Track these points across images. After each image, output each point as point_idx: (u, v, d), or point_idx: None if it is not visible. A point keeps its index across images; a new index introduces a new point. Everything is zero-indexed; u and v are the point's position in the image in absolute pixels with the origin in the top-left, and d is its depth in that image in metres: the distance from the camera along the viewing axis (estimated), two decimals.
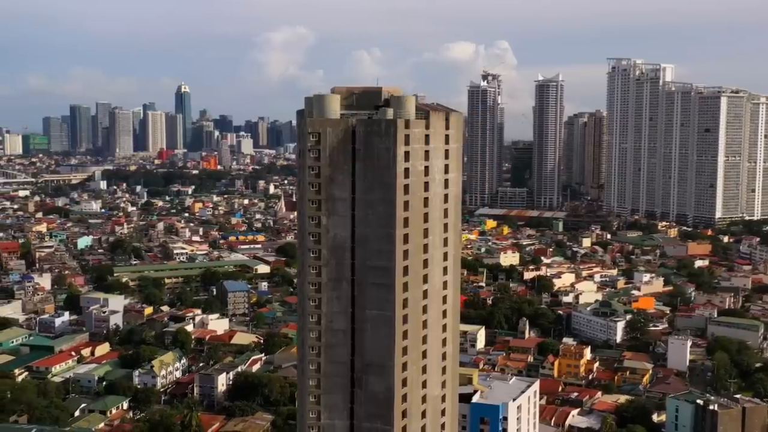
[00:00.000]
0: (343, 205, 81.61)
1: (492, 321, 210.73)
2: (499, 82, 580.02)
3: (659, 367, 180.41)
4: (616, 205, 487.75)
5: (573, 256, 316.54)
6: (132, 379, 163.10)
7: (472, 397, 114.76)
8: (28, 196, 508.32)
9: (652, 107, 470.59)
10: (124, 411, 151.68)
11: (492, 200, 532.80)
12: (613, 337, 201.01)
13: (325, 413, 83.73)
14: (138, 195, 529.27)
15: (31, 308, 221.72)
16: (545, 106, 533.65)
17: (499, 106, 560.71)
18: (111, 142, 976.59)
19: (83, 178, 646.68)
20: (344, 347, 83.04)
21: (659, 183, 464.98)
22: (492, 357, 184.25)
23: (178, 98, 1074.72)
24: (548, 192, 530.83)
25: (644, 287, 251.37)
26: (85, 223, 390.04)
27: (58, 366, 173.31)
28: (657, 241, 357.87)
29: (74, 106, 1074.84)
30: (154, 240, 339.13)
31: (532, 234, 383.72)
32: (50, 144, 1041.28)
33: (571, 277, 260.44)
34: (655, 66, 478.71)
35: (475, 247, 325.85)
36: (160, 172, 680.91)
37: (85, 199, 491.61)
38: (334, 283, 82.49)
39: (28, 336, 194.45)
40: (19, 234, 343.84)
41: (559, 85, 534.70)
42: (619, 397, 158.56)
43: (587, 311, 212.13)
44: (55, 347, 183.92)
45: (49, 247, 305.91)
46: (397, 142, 79.96)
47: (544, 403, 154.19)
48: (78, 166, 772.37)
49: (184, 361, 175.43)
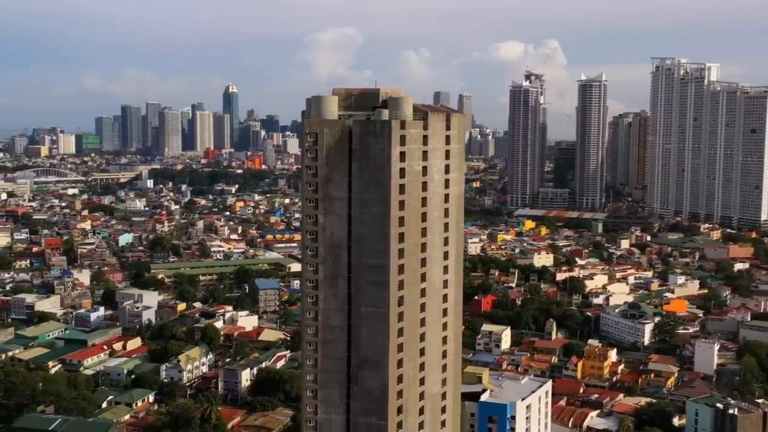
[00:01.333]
0: (340, 204, 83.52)
1: (519, 322, 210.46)
2: (542, 82, 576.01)
3: (685, 370, 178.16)
4: (659, 206, 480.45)
5: (609, 257, 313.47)
6: (159, 373, 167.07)
7: (480, 396, 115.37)
8: (76, 195, 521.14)
9: (697, 107, 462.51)
10: (150, 404, 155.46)
11: (533, 201, 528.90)
12: (641, 339, 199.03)
13: (322, 408, 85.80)
14: (182, 194, 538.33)
15: (69, 303, 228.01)
16: (588, 105, 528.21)
17: (541, 106, 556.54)
18: (160, 142, 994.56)
19: (131, 177, 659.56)
20: (341, 343, 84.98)
21: (703, 184, 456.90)
22: (516, 357, 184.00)
23: (225, 98, 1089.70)
24: (590, 193, 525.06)
25: (678, 290, 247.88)
26: (128, 220, 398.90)
27: (90, 359, 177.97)
28: (698, 243, 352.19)
29: (125, 106, 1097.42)
30: (193, 238, 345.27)
31: (570, 235, 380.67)
32: (102, 143, 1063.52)
33: (603, 279, 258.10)
34: (700, 65, 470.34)
35: (509, 248, 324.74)
36: (205, 172, 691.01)
37: (131, 197, 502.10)
38: (331, 280, 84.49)
39: (64, 330, 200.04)
40: (64, 231, 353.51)
41: (602, 85, 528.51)
42: (641, 399, 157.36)
43: (615, 313, 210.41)
44: (89, 341, 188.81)
45: (91, 244, 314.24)
46: (392, 143, 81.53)
47: (564, 404, 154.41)
48: (127, 165, 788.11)
49: (210, 356, 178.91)
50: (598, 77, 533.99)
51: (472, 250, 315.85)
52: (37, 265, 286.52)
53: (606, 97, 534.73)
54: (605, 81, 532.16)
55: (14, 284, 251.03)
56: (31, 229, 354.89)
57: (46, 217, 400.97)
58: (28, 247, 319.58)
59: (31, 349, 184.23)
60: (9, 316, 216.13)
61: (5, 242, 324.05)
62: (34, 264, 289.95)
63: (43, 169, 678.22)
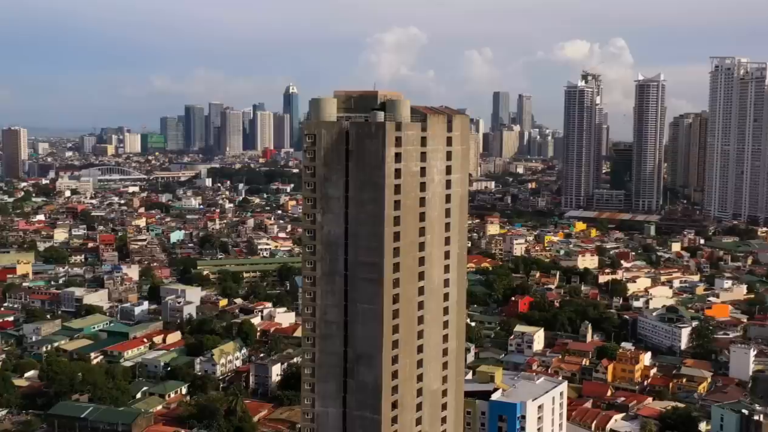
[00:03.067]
0: (337, 204, 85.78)
1: (555, 323, 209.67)
2: (599, 82, 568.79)
3: (720, 376, 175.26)
4: (717, 209, 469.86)
5: (657, 260, 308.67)
6: (193, 366, 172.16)
7: (491, 395, 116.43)
8: (135, 192, 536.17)
9: (757, 108, 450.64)
10: (182, 395, 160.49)
11: (587, 202, 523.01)
12: (678, 343, 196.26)
13: (320, 401, 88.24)
14: (238, 192, 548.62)
15: (116, 297, 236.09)
16: (646, 106, 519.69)
17: (597, 106, 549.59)
18: (221, 141, 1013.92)
19: (191, 176, 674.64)
20: (338, 339, 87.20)
21: (763, 187, 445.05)
22: (547, 359, 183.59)
23: (286, 99, 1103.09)
24: (647, 195, 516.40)
25: (723, 294, 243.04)
26: (182, 218, 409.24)
27: (130, 351, 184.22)
28: (752, 247, 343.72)
29: (189, 106, 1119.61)
30: (242, 235, 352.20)
31: (620, 237, 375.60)
32: (166, 143, 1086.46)
33: (646, 282, 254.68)
34: (761, 64, 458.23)
35: (554, 250, 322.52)
36: (262, 171, 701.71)
37: (188, 195, 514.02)
38: (328, 277, 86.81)
39: (109, 322, 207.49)
40: (119, 227, 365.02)
41: (660, 85, 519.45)
42: (669, 404, 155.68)
43: (653, 317, 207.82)
44: (130, 334, 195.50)
45: (143, 241, 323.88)
46: (387, 144, 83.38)
47: (590, 406, 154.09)
48: (188, 164, 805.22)
49: (244, 350, 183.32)
50: (656, 77, 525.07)
51: (517, 251, 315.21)
52: (91, 260, 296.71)
53: (664, 98, 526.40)
54: (663, 81, 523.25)
55: (67, 278, 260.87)
56: (88, 226, 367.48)
57: (104, 214, 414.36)
58: (84, 242, 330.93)
59: (76, 340, 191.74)
60: (59, 308, 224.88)
61: (63, 238, 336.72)
62: (88, 259, 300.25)
63: (108, 167, 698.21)
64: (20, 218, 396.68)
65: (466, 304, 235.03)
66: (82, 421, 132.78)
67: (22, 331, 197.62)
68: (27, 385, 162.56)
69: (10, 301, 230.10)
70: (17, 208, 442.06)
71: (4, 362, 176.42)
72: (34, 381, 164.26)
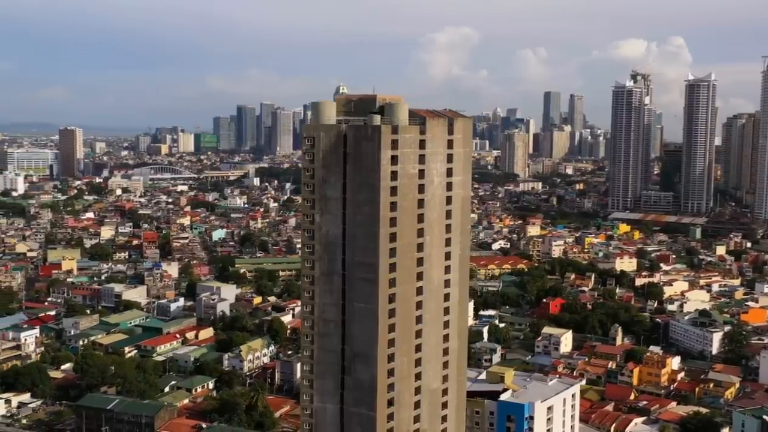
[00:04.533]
0: (335, 205, 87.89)
1: (586, 326, 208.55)
2: (649, 81, 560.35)
3: (749, 381, 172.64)
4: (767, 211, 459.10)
5: (699, 264, 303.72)
6: (222, 362, 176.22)
7: (500, 395, 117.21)
8: (184, 191, 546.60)
9: None
10: (209, 390, 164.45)
11: (635, 204, 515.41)
12: (709, 348, 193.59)
13: (318, 397, 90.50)
14: (284, 192, 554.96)
15: (154, 293, 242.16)
16: (696, 106, 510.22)
17: (646, 106, 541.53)
18: (272, 141, 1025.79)
19: (240, 175, 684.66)
20: (335, 337, 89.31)
21: None
22: (573, 361, 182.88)
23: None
24: (696, 197, 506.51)
25: (763, 299, 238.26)
26: (226, 217, 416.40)
27: (162, 346, 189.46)
28: None
29: (241, 106, 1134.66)
30: (283, 234, 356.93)
31: (664, 240, 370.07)
32: (219, 142, 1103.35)
33: (683, 285, 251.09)
34: None
35: (593, 252, 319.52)
36: None
37: (234, 194, 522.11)
38: (326, 276, 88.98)
39: (145, 318, 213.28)
40: (164, 225, 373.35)
41: (710, 85, 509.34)
42: (693, 408, 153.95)
43: (685, 320, 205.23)
44: (164, 329, 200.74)
45: (185, 239, 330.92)
46: (382, 146, 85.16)
47: (611, 408, 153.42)
48: (238, 163, 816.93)
49: (272, 347, 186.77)
50: (706, 77, 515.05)
51: (555, 252, 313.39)
52: (134, 257, 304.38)
53: (715, 97, 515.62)
54: (714, 80, 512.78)
55: (110, 274, 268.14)
56: (134, 223, 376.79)
57: (150, 212, 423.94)
58: (129, 240, 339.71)
59: (112, 335, 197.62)
60: (99, 303, 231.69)
61: (109, 235, 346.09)
62: (132, 256, 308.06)
63: (160, 166, 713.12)
64: (70, 216, 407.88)
65: (498, 306, 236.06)
66: (108, 413, 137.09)
67: (61, 325, 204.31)
68: (62, 377, 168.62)
69: (53, 296, 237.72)
70: (68, 205, 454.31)
71: (42, 355, 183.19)
72: (69, 373, 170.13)
